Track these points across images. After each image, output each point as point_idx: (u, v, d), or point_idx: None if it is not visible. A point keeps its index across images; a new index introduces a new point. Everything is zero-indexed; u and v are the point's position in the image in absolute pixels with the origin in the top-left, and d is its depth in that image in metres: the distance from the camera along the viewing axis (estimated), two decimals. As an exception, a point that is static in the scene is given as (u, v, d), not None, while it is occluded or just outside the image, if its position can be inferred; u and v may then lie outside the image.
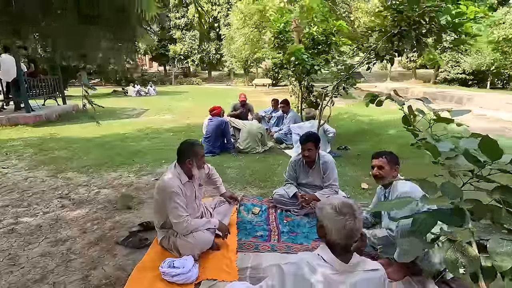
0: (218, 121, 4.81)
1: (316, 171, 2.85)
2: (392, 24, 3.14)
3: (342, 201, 1.29)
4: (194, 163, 2.18)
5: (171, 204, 2.03)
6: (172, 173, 2.16)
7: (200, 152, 2.21)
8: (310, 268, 1.21)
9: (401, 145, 4.99)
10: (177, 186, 2.07)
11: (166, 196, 2.05)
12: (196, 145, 2.24)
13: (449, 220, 0.91)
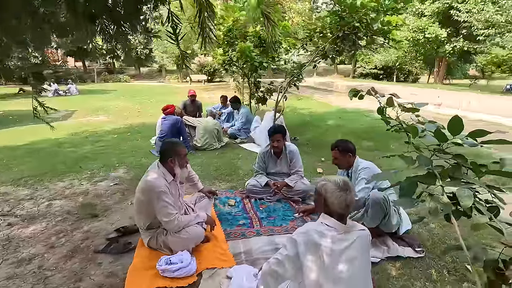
0: (173, 119, 4.72)
1: (283, 160, 3.13)
2: (336, 28, 3.60)
3: (342, 179, 1.58)
4: (176, 162, 2.20)
5: (160, 204, 2.04)
6: (157, 172, 2.15)
7: (183, 151, 2.25)
8: (318, 234, 1.46)
9: (342, 133, 5.70)
10: (164, 185, 2.09)
11: (153, 196, 2.05)
12: (178, 144, 2.28)
13: (426, 181, 1.25)
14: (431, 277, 1.90)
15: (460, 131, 1.19)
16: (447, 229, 2.39)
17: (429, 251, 2.13)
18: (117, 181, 3.65)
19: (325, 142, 5.23)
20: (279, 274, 1.51)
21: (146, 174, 2.20)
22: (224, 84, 23.80)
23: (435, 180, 1.24)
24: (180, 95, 14.67)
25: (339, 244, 1.44)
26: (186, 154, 2.28)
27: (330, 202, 1.52)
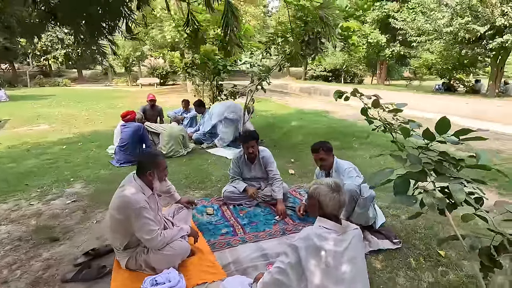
0: (134, 126, 4.40)
1: (257, 165, 3.11)
2: (301, 33, 3.71)
3: (333, 181, 1.62)
4: (155, 175, 2.04)
5: (140, 221, 1.88)
6: (134, 187, 1.98)
7: (163, 164, 2.09)
8: (318, 237, 1.47)
9: (304, 134, 5.90)
10: (144, 200, 1.93)
11: (132, 213, 1.87)
12: (158, 156, 2.12)
13: (418, 178, 1.34)
14: (411, 265, 2.05)
15: (446, 131, 1.29)
16: (416, 220, 2.60)
17: (404, 242, 2.30)
18: (75, 197, 3.28)
19: (291, 143, 5.38)
20: (282, 283, 1.48)
21: (122, 189, 2.00)
22: (178, 87, 23.07)
23: (426, 177, 1.34)
24: (131, 99, 13.80)
25: (340, 246, 1.47)
26: (166, 166, 2.13)
27: (325, 205, 1.56)
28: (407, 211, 2.74)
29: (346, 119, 7.65)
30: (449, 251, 2.16)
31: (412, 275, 1.96)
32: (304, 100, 12.80)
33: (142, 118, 4.83)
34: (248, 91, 4.18)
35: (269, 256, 2.18)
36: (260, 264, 2.10)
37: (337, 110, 9.29)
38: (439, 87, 17.80)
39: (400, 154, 1.47)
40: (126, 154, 4.34)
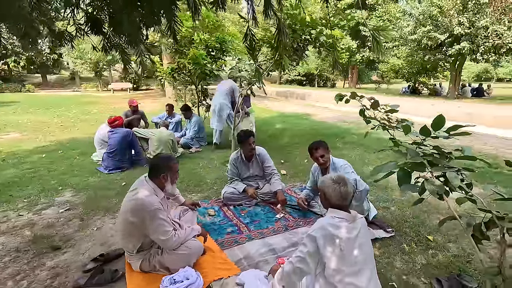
0: (123, 132, 4.34)
1: (255, 164, 3.24)
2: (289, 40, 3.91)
3: (336, 175, 1.79)
4: (168, 178, 2.11)
5: (155, 222, 1.93)
6: (148, 189, 2.02)
7: (176, 167, 2.17)
8: (333, 227, 1.63)
9: (290, 136, 6.11)
10: (158, 202, 1.98)
11: (147, 215, 1.92)
12: (172, 159, 2.19)
13: (417, 169, 1.55)
14: (405, 250, 2.27)
15: (441, 127, 1.51)
16: (404, 211, 2.87)
17: (397, 230, 2.53)
18: (68, 206, 3.19)
19: (279, 145, 5.56)
20: (302, 271, 1.62)
21: (134, 192, 2.03)
22: (153, 92, 22.59)
23: (424, 168, 1.55)
24: (104, 105, 13.34)
25: (351, 233, 1.63)
26: (178, 169, 2.20)
27: (329, 195, 1.72)
28: (395, 203, 3.00)
29: (326, 121, 8.00)
30: (436, 236, 2.42)
31: (406, 259, 2.18)
32: (283, 103, 13.13)
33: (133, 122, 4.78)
34: (239, 95, 4.30)
35: (277, 250, 2.31)
36: (270, 258, 2.22)
37: (317, 113, 9.68)
38: (406, 89, 19.05)
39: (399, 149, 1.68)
40: (115, 160, 4.27)
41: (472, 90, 16.50)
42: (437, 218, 2.67)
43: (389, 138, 1.84)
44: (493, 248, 2.22)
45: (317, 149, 2.67)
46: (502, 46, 12.10)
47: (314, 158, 2.74)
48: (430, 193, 1.44)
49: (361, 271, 1.60)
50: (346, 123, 7.61)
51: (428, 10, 12.22)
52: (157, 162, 2.12)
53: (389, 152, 4.60)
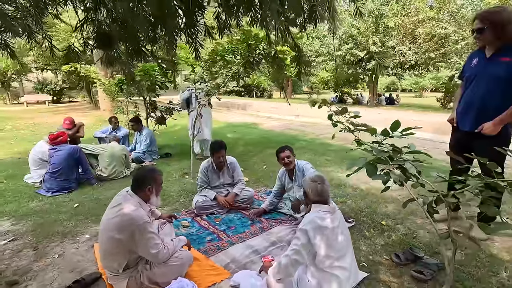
0: (69, 149, 3.94)
1: (225, 172, 3.35)
2: (244, 54, 4.17)
3: (315, 174, 2.07)
4: (154, 190, 2.08)
5: (145, 236, 1.89)
6: (133, 203, 1.97)
7: (160, 179, 2.15)
8: (320, 219, 1.87)
9: (244, 145, 6.32)
10: (146, 216, 1.96)
11: (136, 230, 1.87)
12: (157, 171, 2.16)
13: (382, 163, 1.91)
14: (366, 235, 2.66)
15: (397, 129, 1.89)
16: (358, 203, 3.31)
17: (356, 220, 2.93)
18: (12, 236, 2.78)
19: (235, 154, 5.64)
20: (298, 261, 1.81)
21: (118, 208, 1.96)
22: (77, 104, 20.43)
23: (387, 162, 1.92)
24: (18, 121, 11.57)
25: (334, 222, 1.90)
26: (162, 182, 2.18)
27: (308, 192, 1.99)
28: (350, 197, 3.44)
29: (273, 129, 8.48)
30: (387, 220, 2.89)
31: (369, 242, 2.56)
32: (226, 114, 13.33)
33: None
34: (198, 106, 4.34)
35: (260, 250, 2.45)
36: (255, 258, 2.34)
37: (263, 122, 10.15)
38: (334, 99, 21.29)
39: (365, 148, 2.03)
40: (59, 181, 3.84)
41: (386, 99, 19.42)
42: (385, 206, 3.18)
43: (354, 140, 2.18)
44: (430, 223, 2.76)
45: (283, 152, 2.93)
46: (405, 63, 14.64)
47: (280, 160, 2.99)
48: (394, 181, 1.80)
49: (345, 254, 1.88)
50: (292, 130, 8.21)
51: (349, 30, 14.08)
52: (142, 175, 2.08)
53: (329, 157, 5.19)
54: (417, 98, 27.51)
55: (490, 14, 2.15)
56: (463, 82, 2.58)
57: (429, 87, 33.22)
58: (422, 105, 16.66)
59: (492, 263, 2.18)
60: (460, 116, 2.48)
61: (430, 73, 20.07)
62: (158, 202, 2.17)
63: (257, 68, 4.57)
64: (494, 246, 2.38)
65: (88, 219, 3.09)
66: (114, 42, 1.27)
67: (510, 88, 2.18)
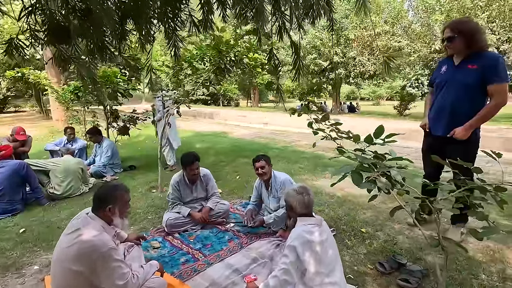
0: (13, 165, 3.42)
1: (199, 186, 3.12)
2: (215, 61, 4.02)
3: (299, 185, 1.96)
4: (116, 211, 1.79)
5: (110, 265, 1.62)
6: (95, 228, 1.69)
7: (125, 197, 1.85)
8: (308, 233, 1.75)
9: (215, 154, 6.09)
10: (111, 241, 1.68)
11: (99, 259, 1.59)
12: (119, 188, 1.86)
13: (366, 170, 1.85)
14: (348, 244, 2.60)
15: (381, 136, 1.85)
16: (337, 211, 3.27)
17: (337, 229, 2.87)
18: None
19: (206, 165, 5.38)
20: (287, 282, 1.67)
21: (76, 234, 1.66)
22: (25, 114, 18.66)
23: (372, 169, 1.87)
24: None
25: (322, 235, 1.79)
26: (129, 200, 1.89)
27: (294, 206, 1.88)
28: (328, 206, 3.39)
29: (244, 138, 8.33)
30: (367, 228, 2.86)
31: (351, 252, 2.50)
32: (193, 123, 12.95)
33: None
34: (166, 115, 4.06)
35: (241, 269, 2.26)
36: (237, 279, 2.15)
37: (232, 130, 9.97)
38: (299, 107, 21.87)
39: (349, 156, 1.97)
40: (2, 202, 3.31)
41: (348, 107, 20.37)
42: (363, 213, 3.17)
43: (336, 148, 2.11)
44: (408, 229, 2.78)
45: (258, 161, 2.80)
46: (365, 73, 15.51)
47: (255, 169, 2.85)
48: (381, 188, 1.74)
49: (335, 268, 1.77)
50: (263, 138, 8.13)
51: (313, 41, 14.61)
52: (103, 192, 1.79)
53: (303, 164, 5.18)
54: (375, 106, 29.31)
55: (459, 23, 2.25)
56: (432, 89, 2.68)
57: (385, 96, 35.68)
58: (381, 113, 17.72)
59: (470, 266, 2.22)
60: (432, 121, 2.55)
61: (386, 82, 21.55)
62: (124, 224, 1.87)
63: (228, 75, 4.43)
64: (469, 248, 2.44)
65: (37, 247, 2.67)
66: (71, 36, 1.05)
67: (477, 95, 2.28)
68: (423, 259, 2.33)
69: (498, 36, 10.99)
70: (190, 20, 1.40)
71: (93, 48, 1.18)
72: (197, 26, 1.46)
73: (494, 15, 10.99)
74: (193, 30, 1.51)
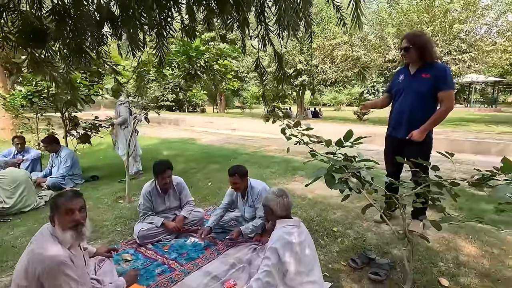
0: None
1: (172, 195, 3.04)
2: (184, 67, 3.99)
3: (277, 188, 2.02)
4: (56, 221, 1.62)
5: (58, 282, 1.49)
6: (47, 239, 1.57)
7: (64, 205, 1.62)
8: (287, 234, 1.81)
9: (184, 162, 5.96)
10: (64, 256, 1.55)
11: (47, 274, 1.47)
12: (63, 194, 1.68)
13: (339, 172, 1.97)
14: (321, 244, 2.71)
15: (350, 139, 1.99)
16: (309, 212, 3.39)
17: (309, 230, 2.95)
18: None
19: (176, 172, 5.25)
20: (270, 284, 1.71)
21: (30, 247, 1.55)
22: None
23: (344, 171, 1.99)
24: None
25: (301, 236, 1.87)
26: (72, 209, 1.63)
27: (274, 209, 1.94)
28: (300, 208, 3.50)
29: (213, 144, 8.26)
30: (338, 227, 3.01)
31: (325, 251, 2.61)
32: (159, 129, 12.55)
33: None
34: (134, 121, 3.90)
35: (220, 276, 2.24)
36: (216, 286, 2.13)
37: (200, 137, 9.83)
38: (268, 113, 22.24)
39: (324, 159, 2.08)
40: None
41: (312, 113, 21.18)
42: (333, 213, 3.33)
43: (309, 152, 2.21)
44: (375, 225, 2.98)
45: (231, 176, 2.73)
46: (327, 80, 16.30)
47: (230, 182, 2.81)
48: (353, 188, 1.87)
49: (313, 267, 1.84)
50: (232, 144, 8.13)
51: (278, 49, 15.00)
52: (51, 200, 1.68)
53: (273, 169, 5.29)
54: (336, 112, 30.81)
55: (415, 36, 2.51)
56: (386, 94, 2.97)
57: (345, 102, 37.71)
58: (342, 118, 18.68)
59: (430, 255, 2.45)
60: (394, 125, 2.79)
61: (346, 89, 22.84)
62: (66, 238, 1.61)
63: (198, 81, 4.41)
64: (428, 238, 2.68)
65: (-12, 269, 2.40)
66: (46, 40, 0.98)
67: (430, 101, 2.56)
68: (390, 253, 2.52)
69: (440, 48, 12.28)
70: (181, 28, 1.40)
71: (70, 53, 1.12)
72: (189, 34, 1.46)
73: (436, 29, 12.28)
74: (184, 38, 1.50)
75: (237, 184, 2.78)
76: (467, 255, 2.47)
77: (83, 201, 1.74)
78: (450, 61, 12.48)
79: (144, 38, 1.31)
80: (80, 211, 1.69)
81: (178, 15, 1.39)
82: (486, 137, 7.97)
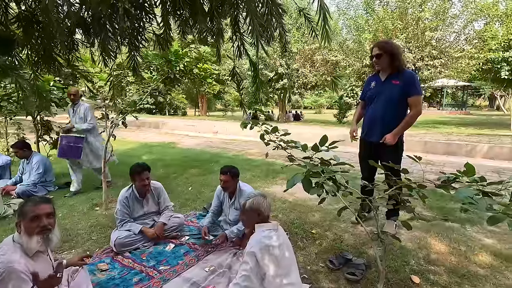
0: None
1: (150, 199, 2.99)
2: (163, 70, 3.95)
3: (258, 192, 2.05)
4: (22, 228, 1.59)
5: None
6: (8, 244, 1.56)
7: (30, 211, 1.58)
8: (266, 238, 1.84)
9: (164, 166, 5.85)
10: (18, 262, 1.49)
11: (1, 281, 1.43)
12: (31, 200, 1.65)
13: (315, 176, 2.02)
14: (301, 246, 2.76)
15: (325, 144, 2.05)
16: (289, 215, 3.43)
17: (290, 233, 3.01)
18: None
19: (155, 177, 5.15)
20: (248, 287, 1.71)
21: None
22: None
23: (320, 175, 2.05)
24: None
25: (279, 239, 1.90)
26: (37, 216, 1.58)
27: (263, 210, 1.97)
28: (280, 211, 3.55)
29: (194, 148, 8.17)
30: (316, 229, 3.07)
31: (304, 253, 2.66)
32: (138, 133, 12.24)
33: None
34: (111, 126, 3.80)
35: (199, 282, 2.23)
36: (197, 293, 2.12)
37: (181, 140, 9.69)
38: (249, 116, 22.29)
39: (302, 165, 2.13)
40: None
41: (293, 115, 21.47)
42: (312, 216, 3.39)
43: (287, 156, 2.26)
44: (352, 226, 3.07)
45: (222, 174, 2.79)
46: (307, 84, 16.60)
47: (221, 179, 2.84)
48: (328, 192, 1.93)
49: (291, 270, 1.88)
50: (214, 148, 8.09)
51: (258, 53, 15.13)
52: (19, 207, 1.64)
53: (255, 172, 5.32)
54: (317, 114, 31.41)
55: (385, 44, 2.64)
56: (363, 102, 3.06)
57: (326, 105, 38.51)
58: (323, 120, 19.08)
59: (403, 254, 2.56)
60: (367, 130, 2.90)
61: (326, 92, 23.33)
62: (32, 244, 1.57)
63: (177, 85, 4.37)
64: (401, 238, 2.80)
65: (-49, 285, 2.24)
66: (12, 46, 0.95)
67: (400, 107, 2.70)
68: (366, 253, 2.60)
69: (414, 54, 12.86)
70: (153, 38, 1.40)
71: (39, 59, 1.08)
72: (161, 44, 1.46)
73: (410, 36, 12.85)
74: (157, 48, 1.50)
75: (227, 183, 2.79)
76: (437, 252, 2.60)
77: (51, 207, 1.70)
78: (423, 67, 13.09)
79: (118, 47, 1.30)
80: (48, 217, 1.65)
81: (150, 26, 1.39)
82: (456, 139, 8.41)
